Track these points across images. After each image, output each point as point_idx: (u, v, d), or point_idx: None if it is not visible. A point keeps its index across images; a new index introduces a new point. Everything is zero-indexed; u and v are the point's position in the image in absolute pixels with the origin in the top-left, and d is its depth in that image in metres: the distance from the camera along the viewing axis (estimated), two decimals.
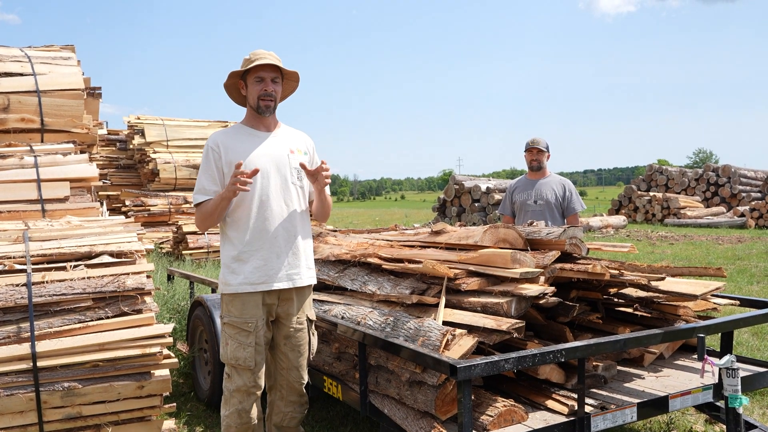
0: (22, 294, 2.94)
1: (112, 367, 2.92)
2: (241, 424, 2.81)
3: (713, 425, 3.72)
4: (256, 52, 2.84)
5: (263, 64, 2.79)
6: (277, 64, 2.81)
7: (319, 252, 3.83)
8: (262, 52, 2.83)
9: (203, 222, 2.84)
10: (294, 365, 2.94)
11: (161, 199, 12.76)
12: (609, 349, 2.56)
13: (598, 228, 17.93)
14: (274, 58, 2.82)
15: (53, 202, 4.31)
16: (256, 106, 2.87)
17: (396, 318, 2.82)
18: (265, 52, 2.84)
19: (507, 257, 2.77)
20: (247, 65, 2.82)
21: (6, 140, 4.90)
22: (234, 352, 2.78)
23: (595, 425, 2.46)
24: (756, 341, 5.43)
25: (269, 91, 2.83)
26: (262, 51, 2.84)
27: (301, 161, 2.90)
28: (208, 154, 2.84)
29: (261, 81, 2.83)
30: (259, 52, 2.83)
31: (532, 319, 2.85)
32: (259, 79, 2.83)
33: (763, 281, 8.70)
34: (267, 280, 2.80)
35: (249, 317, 2.79)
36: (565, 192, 4.63)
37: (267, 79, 2.83)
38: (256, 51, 2.85)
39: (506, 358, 2.26)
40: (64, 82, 5.38)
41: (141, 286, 3.11)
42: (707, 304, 3.31)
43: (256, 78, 2.83)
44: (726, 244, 13.90)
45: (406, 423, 2.58)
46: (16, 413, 2.80)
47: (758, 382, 3.07)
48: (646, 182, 24.69)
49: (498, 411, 2.43)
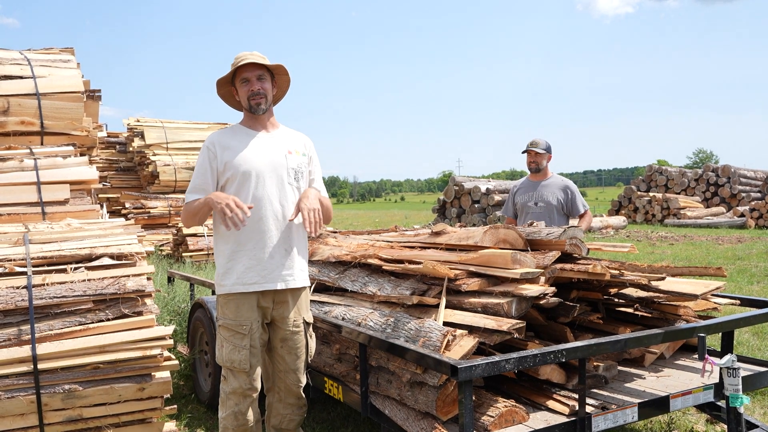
0: (23, 296, 2.94)
1: (112, 370, 2.92)
2: (237, 426, 2.81)
3: (714, 425, 3.72)
4: (239, 54, 2.86)
5: (245, 65, 2.81)
6: (259, 62, 2.82)
7: (320, 253, 3.83)
8: (244, 54, 2.85)
9: (186, 220, 2.89)
10: (291, 368, 2.93)
11: (161, 201, 12.77)
12: (610, 349, 2.56)
13: (598, 228, 17.93)
14: (255, 57, 2.83)
15: (53, 204, 4.32)
16: (248, 106, 2.89)
17: (397, 319, 2.82)
18: (248, 53, 2.85)
19: (507, 258, 2.77)
20: (232, 70, 2.86)
21: (6, 143, 4.90)
22: (229, 354, 2.79)
23: (596, 425, 2.46)
24: (756, 341, 5.43)
25: (256, 89, 2.85)
26: (245, 52, 2.86)
27: (298, 161, 2.92)
28: (204, 153, 2.86)
29: (247, 82, 2.85)
30: (241, 55, 2.85)
31: (532, 319, 2.85)
32: (244, 80, 2.85)
33: (763, 281, 8.70)
34: (259, 281, 2.80)
35: (243, 320, 2.79)
36: (567, 194, 4.63)
37: (252, 78, 2.85)
38: (239, 54, 2.87)
39: (507, 359, 2.26)
40: (63, 84, 5.39)
41: (141, 288, 3.11)
42: (708, 304, 3.31)
43: (241, 80, 2.86)
44: (726, 244, 13.90)
45: (407, 424, 2.58)
46: (16, 416, 2.80)
47: (759, 381, 3.06)
48: (645, 183, 24.69)
49: (499, 411, 2.43)
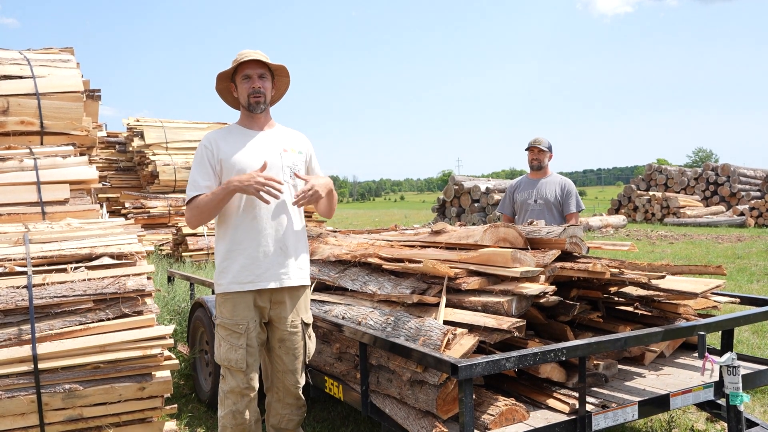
0: (23, 296, 2.94)
1: (113, 369, 2.92)
2: (236, 425, 2.82)
3: (714, 423, 3.72)
4: (242, 51, 2.86)
5: (248, 61, 2.81)
6: (262, 60, 2.82)
7: (320, 252, 3.84)
8: (247, 51, 2.84)
9: (197, 216, 2.78)
10: (289, 369, 2.93)
11: (161, 201, 12.76)
12: (610, 347, 2.57)
13: (598, 227, 17.93)
14: (259, 55, 2.83)
15: (53, 204, 4.31)
16: (247, 104, 2.88)
17: (397, 318, 2.82)
18: (251, 51, 2.85)
19: (507, 256, 2.77)
20: (234, 65, 2.85)
21: (6, 143, 4.90)
22: (226, 353, 2.79)
23: (596, 424, 2.46)
24: (756, 339, 5.43)
25: (257, 87, 2.84)
26: (248, 50, 2.85)
27: (294, 158, 2.92)
28: (201, 151, 2.84)
29: (248, 78, 2.84)
30: (244, 52, 2.85)
31: (532, 318, 2.85)
32: (246, 77, 2.84)
33: (762, 279, 8.71)
34: (254, 280, 2.79)
35: (240, 319, 2.79)
36: (563, 192, 4.63)
37: (254, 76, 2.84)
38: (242, 51, 2.87)
39: (507, 357, 2.26)
40: (63, 84, 5.38)
41: (141, 287, 3.11)
42: (707, 302, 3.31)
43: (243, 76, 2.85)
44: (725, 243, 13.91)
45: (407, 422, 2.58)
46: (17, 415, 2.80)
47: (759, 379, 3.06)
48: (645, 182, 24.70)
49: (499, 410, 2.43)
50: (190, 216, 2.81)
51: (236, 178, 2.68)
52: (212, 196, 2.73)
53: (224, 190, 2.70)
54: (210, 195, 2.74)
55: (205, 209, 2.76)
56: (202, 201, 2.76)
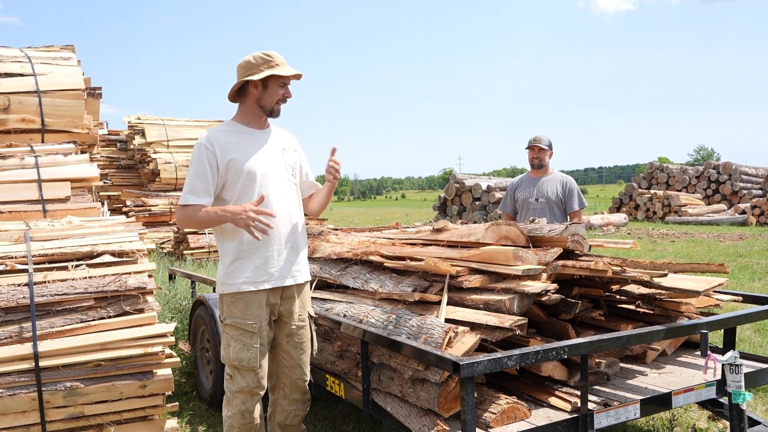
0: (24, 294, 2.94)
1: (114, 367, 2.92)
2: (244, 425, 2.81)
3: (716, 422, 3.71)
4: (274, 55, 2.82)
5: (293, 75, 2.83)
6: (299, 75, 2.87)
7: (321, 250, 3.83)
8: (281, 58, 2.83)
9: (188, 225, 2.82)
10: (297, 363, 2.94)
11: (162, 199, 12.77)
12: (612, 345, 2.56)
13: (599, 226, 17.92)
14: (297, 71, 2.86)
15: (54, 202, 4.31)
16: (270, 108, 2.87)
17: (398, 316, 2.82)
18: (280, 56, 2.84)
19: (509, 254, 2.77)
20: (274, 68, 2.79)
21: (7, 141, 4.90)
22: (237, 353, 2.77)
23: (598, 422, 2.46)
24: (759, 338, 5.42)
25: (290, 96, 2.89)
26: (279, 56, 2.83)
27: (293, 157, 2.96)
28: (201, 152, 2.76)
29: (284, 86, 2.87)
30: (280, 58, 2.82)
31: (534, 316, 2.84)
32: (283, 84, 2.86)
33: (764, 278, 8.70)
34: (269, 278, 2.80)
35: (253, 318, 2.78)
36: (565, 189, 4.63)
37: (287, 84, 2.88)
38: (273, 54, 2.82)
39: (509, 355, 2.26)
40: (64, 82, 5.38)
41: (143, 285, 3.11)
42: (710, 301, 3.30)
43: (281, 83, 2.85)
44: (727, 241, 13.89)
45: (409, 420, 2.58)
46: (18, 413, 2.80)
47: (761, 378, 3.06)
48: (647, 180, 24.68)
49: (501, 408, 2.42)
50: (181, 220, 2.82)
51: (230, 209, 2.67)
52: (206, 216, 2.72)
53: (218, 217, 2.70)
54: (204, 214, 2.72)
55: (198, 224, 2.78)
56: (195, 215, 2.74)
